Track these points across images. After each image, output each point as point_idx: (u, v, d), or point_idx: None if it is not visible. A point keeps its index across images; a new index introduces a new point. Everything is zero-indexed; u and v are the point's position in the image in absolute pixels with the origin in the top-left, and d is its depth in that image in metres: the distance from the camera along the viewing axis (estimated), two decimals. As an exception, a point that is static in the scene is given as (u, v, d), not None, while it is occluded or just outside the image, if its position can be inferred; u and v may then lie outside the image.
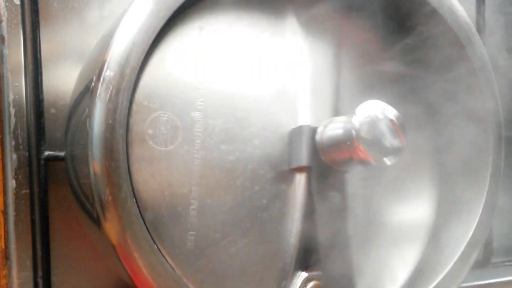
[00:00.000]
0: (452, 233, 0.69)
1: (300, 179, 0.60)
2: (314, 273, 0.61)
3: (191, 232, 0.56)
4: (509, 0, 0.86)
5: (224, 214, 0.57)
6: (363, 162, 0.56)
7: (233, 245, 0.58)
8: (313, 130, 0.60)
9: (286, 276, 0.60)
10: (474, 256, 0.67)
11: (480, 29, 0.82)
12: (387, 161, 0.55)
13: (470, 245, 0.67)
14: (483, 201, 0.68)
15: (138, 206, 0.53)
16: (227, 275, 0.58)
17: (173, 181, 0.55)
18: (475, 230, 0.67)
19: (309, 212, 0.60)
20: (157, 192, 0.55)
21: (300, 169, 0.60)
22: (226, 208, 0.58)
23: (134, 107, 0.54)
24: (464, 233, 0.68)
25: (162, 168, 0.55)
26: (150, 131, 0.54)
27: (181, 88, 0.56)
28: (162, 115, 0.55)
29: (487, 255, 0.85)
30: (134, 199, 0.51)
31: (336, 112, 0.64)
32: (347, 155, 0.57)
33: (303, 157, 0.59)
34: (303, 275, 0.61)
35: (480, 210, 0.68)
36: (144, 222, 0.52)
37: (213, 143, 0.57)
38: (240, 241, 0.58)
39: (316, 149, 0.59)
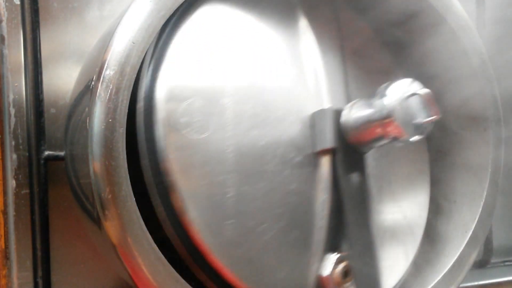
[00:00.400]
0: (452, 232, 0.69)
1: (326, 162, 0.60)
2: (344, 254, 0.61)
3: (229, 221, 0.55)
4: (509, 0, 0.87)
5: (258, 201, 0.57)
6: (394, 139, 0.57)
7: (268, 231, 0.57)
8: (336, 112, 0.60)
9: (317, 259, 0.60)
10: (473, 256, 0.67)
11: (480, 29, 0.83)
12: (419, 135, 0.57)
13: (470, 245, 0.67)
14: (483, 201, 0.68)
15: (153, 202, 0.54)
16: (263, 263, 0.57)
17: (210, 169, 0.54)
18: (474, 230, 0.67)
19: (336, 194, 0.60)
20: (196, 182, 0.54)
21: (325, 152, 0.60)
22: (260, 194, 0.57)
23: (167, 94, 0.53)
24: (463, 233, 0.68)
25: (200, 157, 0.54)
26: (183, 120, 0.54)
27: (210, 74, 0.56)
28: (194, 102, 0.54)
29: (486, 255, 0.85)
30: (134, 198, 0.51)
31: (348, 95, 0.64)
32: (377, 134, 0.57)
33: (327, 140, 0.59)
34: (333, 257, 0.61)
35: (480, 210, 0.68)
36: (145, 220, 0.52)
37: (244, 129, 0.56)
38: (274, 227, 0.57)
39: (340, 131, 0.59)
